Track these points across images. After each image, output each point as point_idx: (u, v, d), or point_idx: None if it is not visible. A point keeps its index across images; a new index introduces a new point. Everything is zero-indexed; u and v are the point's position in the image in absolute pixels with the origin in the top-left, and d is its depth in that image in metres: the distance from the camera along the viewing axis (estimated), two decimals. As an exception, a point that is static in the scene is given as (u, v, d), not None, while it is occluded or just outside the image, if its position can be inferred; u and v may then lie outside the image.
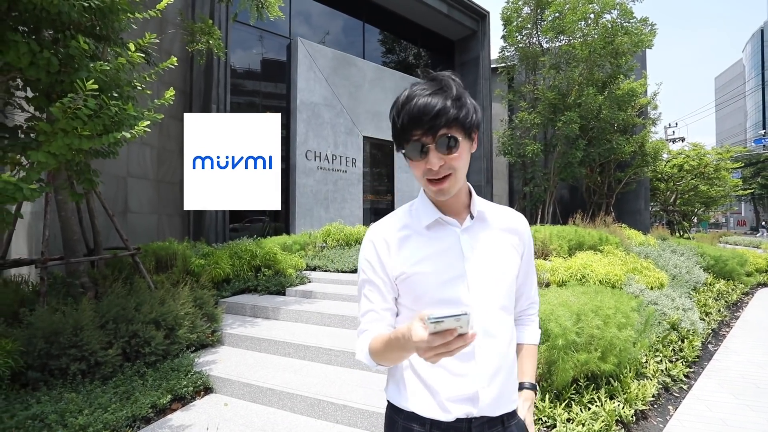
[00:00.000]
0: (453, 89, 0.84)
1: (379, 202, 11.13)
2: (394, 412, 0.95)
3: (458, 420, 0.86)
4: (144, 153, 6.75)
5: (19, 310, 3.49)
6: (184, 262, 5.22)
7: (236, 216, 8.31)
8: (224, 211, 7.44)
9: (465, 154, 0.86)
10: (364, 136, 10.40)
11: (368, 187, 10.72)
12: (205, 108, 7.08)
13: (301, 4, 10.00)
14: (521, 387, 1.01)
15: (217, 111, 7.19)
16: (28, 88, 2.93)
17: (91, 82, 2.12)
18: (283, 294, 5.24)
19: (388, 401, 0.98)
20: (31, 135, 2.70)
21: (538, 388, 1.01)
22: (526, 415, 0.97)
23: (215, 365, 3.50)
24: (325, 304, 4.69)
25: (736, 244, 15.59)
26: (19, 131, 2.69)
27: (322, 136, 9.39)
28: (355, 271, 6.14)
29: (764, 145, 38.78)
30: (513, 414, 0.93)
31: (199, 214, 7.31)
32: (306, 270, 6.24)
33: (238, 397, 3.16)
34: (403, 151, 0.87)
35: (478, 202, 0.95)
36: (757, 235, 32.92)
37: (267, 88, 9.54)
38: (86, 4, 2.44)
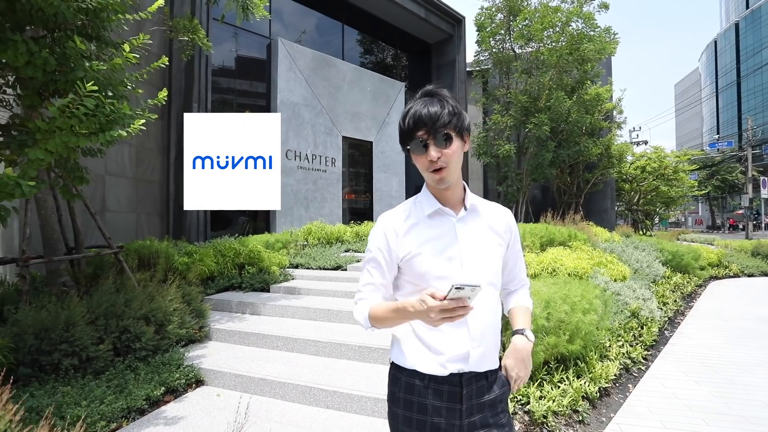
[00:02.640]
0: (448, 102, 1.09)
1: (357, 202, 11.29)
2: (397, 371, 1.13)
3: (452, 375, 1.06)
4: (122, 151, 6.66)
5: (3, 308, 3.48)
6: (168, 260, 5.23)
7: (217, 215, 8.27)
8: (206, 210, 7.42)
9: (458, 150, 1.09)
10: (343, 137, 10.54)
11: (347, 186, 10.86)
12: (186, 106, 7.05)
13: (280, 3, 10.03)
14: (514, 333, 1.17)
15: (198, 109, 7.16)
16: (18, 86, 2.95)
17: (91, 83, 2.19)
18: (268, 291, 5.33)
19: (392, 362, 1.16)
20: (23, 133, 2.73)
21: (531, 335, 1.20)
22: (507, 360, 1.15)
23: (205, 359, 3.58)
24: (309, 300, 4.83)
25: (693, 241, 16.65)
26: (12, 129, 2.71)
27: (302, 136, 9.47)
28: (337, 268, 6.29)
29: (718, 149, 41.33)
30: (495, 371, 1.14)
31: (180, 213, 7.26)
32: (289, 268, 6.34)
33: (230, 388, 3.26)
34: (408, 148, 1.10)
35: (471, 197, 1.16)
36: None
37: (247, 87, 9.54)
38: (82, 6, 2.51)
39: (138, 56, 2.82)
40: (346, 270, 6.20)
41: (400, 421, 1.09)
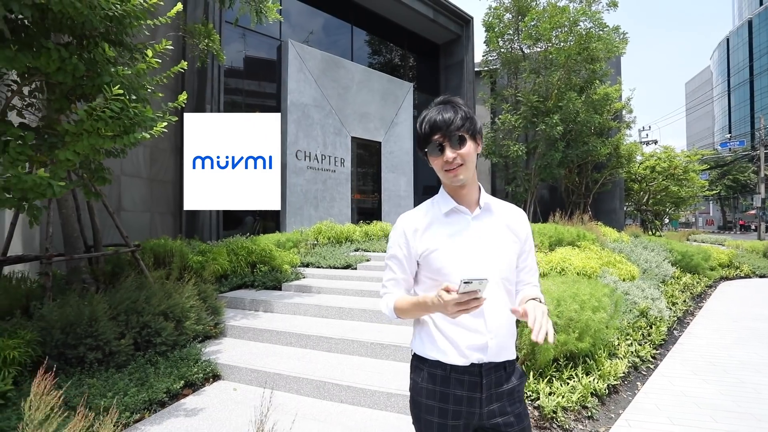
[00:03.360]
0: (461, 108, 1.20)
1: (366, 201, 11.38)
2: (419, 362, 1.21)
3: (472, 364, 1.14)
4: (137, 152, 6.82)
5: (29, 304, 3.61)
6: (182, 258, 5.35)
7: (229, 214, 8.41)
8: (218, 210, 7.56)
9: (472, 151, 1.18)
10: (352, 137, 10.63)
11: (356, 186, 10.95)
12: (199, 107, 7.19)
13: (289, 4, 10.14)
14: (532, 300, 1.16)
15: (211, 110, 7.30)
16: (45, 91, 3.07)
17: (117, 87, 2.30)
18: (280, 289, 5.43)
19: (414, 354, 1.24)
20: (52, 135, 2.85)
21: (545, 303, 1.20)
22: (529, 307, 1.07)
23: (221, 354, 3.68)
24: (321, 298, 4.92)
25: (703, 242, 16.50)
26: (42, 131, 2.83)
27: (311, 137, 9.58)
28: (347, 267, 6.38)
29: (730, 149, 40.77)
30: (512, 362, 1.21)
31: (193, 213, 7.40)
32: (299, 266, 6.44)
33: (246, 382, 3.36)
34: (426, 150, 1.19)
35: (486, 197, 1.24)
36: None
37: (258, 88, 9.67)
38: (109, 13, 2.62)
39: (160, 61, 2.93)
40: (356, 269, 6.29)
41: (423, 409, 1.16)
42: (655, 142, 28.50)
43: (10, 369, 2.71)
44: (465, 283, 0.91)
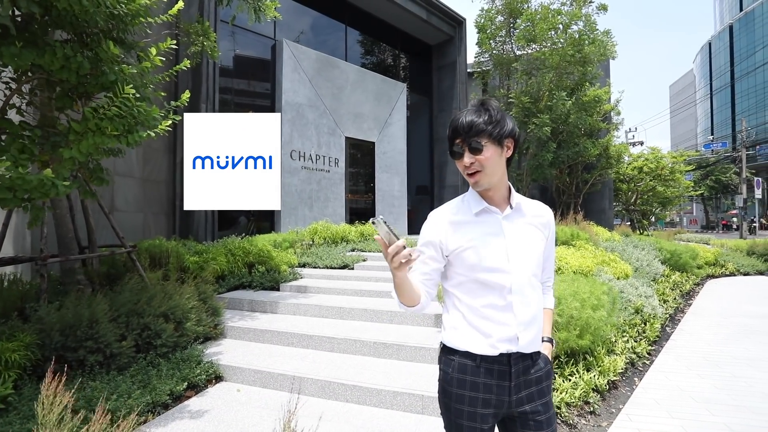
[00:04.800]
0: (489, 111, 1.19)
1: (360, 202, 11.37)
2: (450, 354, 1.24)
3: (501, 355, 1.17)
4: (130, 151, 6.71)
5: (24, 306, 3.54)
6: (178, 259, 5.30)
7: (223, 215, 8.33)
8: (213, 210, 7.48)
9: (493, 156, 1.18)
10: (346, 137, 10.62)
11: (350, 186, 10.94)
12: (194, 106, 7.10)
13: (283, 3, 10.06)
14: (542, 340, 1.33)
15: (206, 109, 7.23)
16: (46, 89, 3.02)
17: (130, 86, 2.27)
18: (278, 289, 5.41)
19: (444, 346, 1.27)
20: (54, 133, 2.80)
21: (554, 341, 1.36)
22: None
23: (222, 355, 3.66)
24: (321, 298, 4.91)
25: (689, 241, 16.88)
26: (42, 129, 2.78)
27: (306, 137, 9.55)
28: (344, 267, 6.38)
29: (712, 150, 41.78)
30: (538, 353, 1.26)
31: (187, 213, 7.32)
32: (296, 267, 6.42)
33: (249, 383, 3.35)
34: (449, 153, 1.23)
35: (516, 197, 1.27)
36: None
37: (252, 87, 9.60)
38: (114, 12, 2.59)
39: (164, 59, 2.90)
40: (353, 269, 6.29)
41: (453, 398, 1.19)
42: (642, 143, 29.01)
43: (10, 372, 2.65)
44: (372, 223, 1.03)
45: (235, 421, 2.77)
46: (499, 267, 1.17)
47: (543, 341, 1.32)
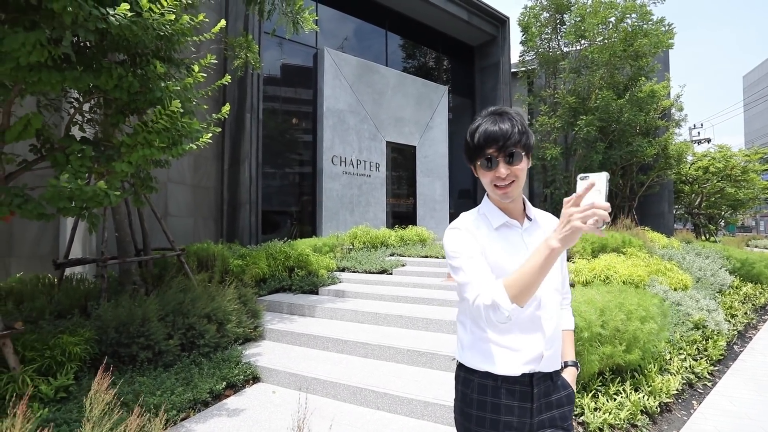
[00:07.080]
0: (517, 120, 1.13)
1: (401, 206, 11.37)
2: (469, 374, 1.19)
3: (523, 375, 1.12)
4: (182, 159, 7.17)
5: (87, 303, 3.88)
6: (223, 262, 5.58)
7: (267, 218, 8.67)
8: (257, 215, 7.80)
9: (525, 168, 1.14)
10: (387, 141, 10.68)
11: (391, 191, 10.98)
12: (240, 116, 7.47)
13: (324, 11, 10.34)
14: (566, 365, 1.25)
15: (251, 119, 7.57)
16: (103, 107, 3.30)
17: (177, 101, 2.43)
18: (316, 293, 5.53)
19: (462, 365, 1.22)
20: (108, 147, 3.04)
21: (579, 364, 1.28)
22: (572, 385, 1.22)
23: (260, 357, 3.79)
24: (357, 303, 4.95)
25: (765, 248, 15.21)
26: (99, 144, 3.04)
27: (347, 142, 9.71)
28: (382, 272, 6.39)
29: (795, 146, 37.43)
30: (559, 372, 1.19)
31: (233, 217, 7.69)
32: (335, 271, 6.52)
33: (284, 386, 3.43)
34: (477, 164, 1.14)
35: (532, 209, 1.22)
36: None
37: (294, 95, 9.92)
38: (161, 33, 2.77)
39: (206, 75, 3.07)
40: (391, 274, 6.29)
41: (474, 421, 1.15)
42: (708, 140, 26.65)
43: (71, 364, 2.91)
44: (581, 179, 0.91)
45: (269, 421, 2.85)
46: None
47: (567, 365, 1.25)
